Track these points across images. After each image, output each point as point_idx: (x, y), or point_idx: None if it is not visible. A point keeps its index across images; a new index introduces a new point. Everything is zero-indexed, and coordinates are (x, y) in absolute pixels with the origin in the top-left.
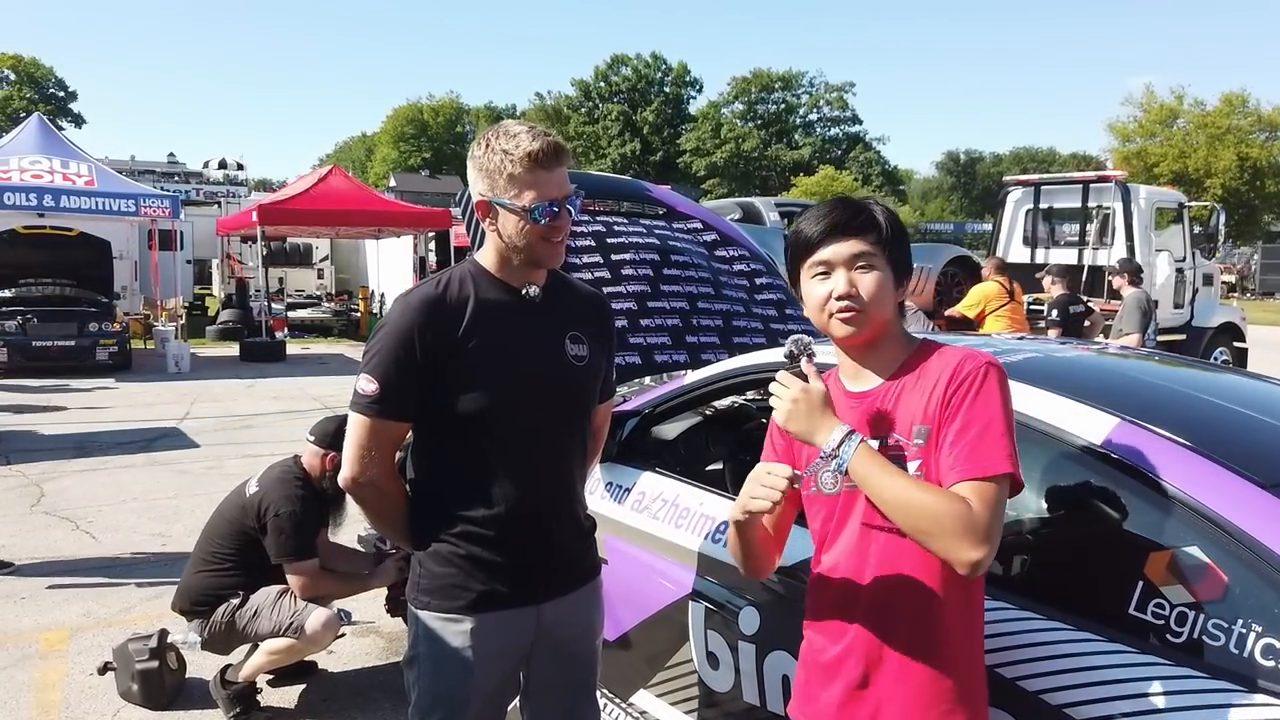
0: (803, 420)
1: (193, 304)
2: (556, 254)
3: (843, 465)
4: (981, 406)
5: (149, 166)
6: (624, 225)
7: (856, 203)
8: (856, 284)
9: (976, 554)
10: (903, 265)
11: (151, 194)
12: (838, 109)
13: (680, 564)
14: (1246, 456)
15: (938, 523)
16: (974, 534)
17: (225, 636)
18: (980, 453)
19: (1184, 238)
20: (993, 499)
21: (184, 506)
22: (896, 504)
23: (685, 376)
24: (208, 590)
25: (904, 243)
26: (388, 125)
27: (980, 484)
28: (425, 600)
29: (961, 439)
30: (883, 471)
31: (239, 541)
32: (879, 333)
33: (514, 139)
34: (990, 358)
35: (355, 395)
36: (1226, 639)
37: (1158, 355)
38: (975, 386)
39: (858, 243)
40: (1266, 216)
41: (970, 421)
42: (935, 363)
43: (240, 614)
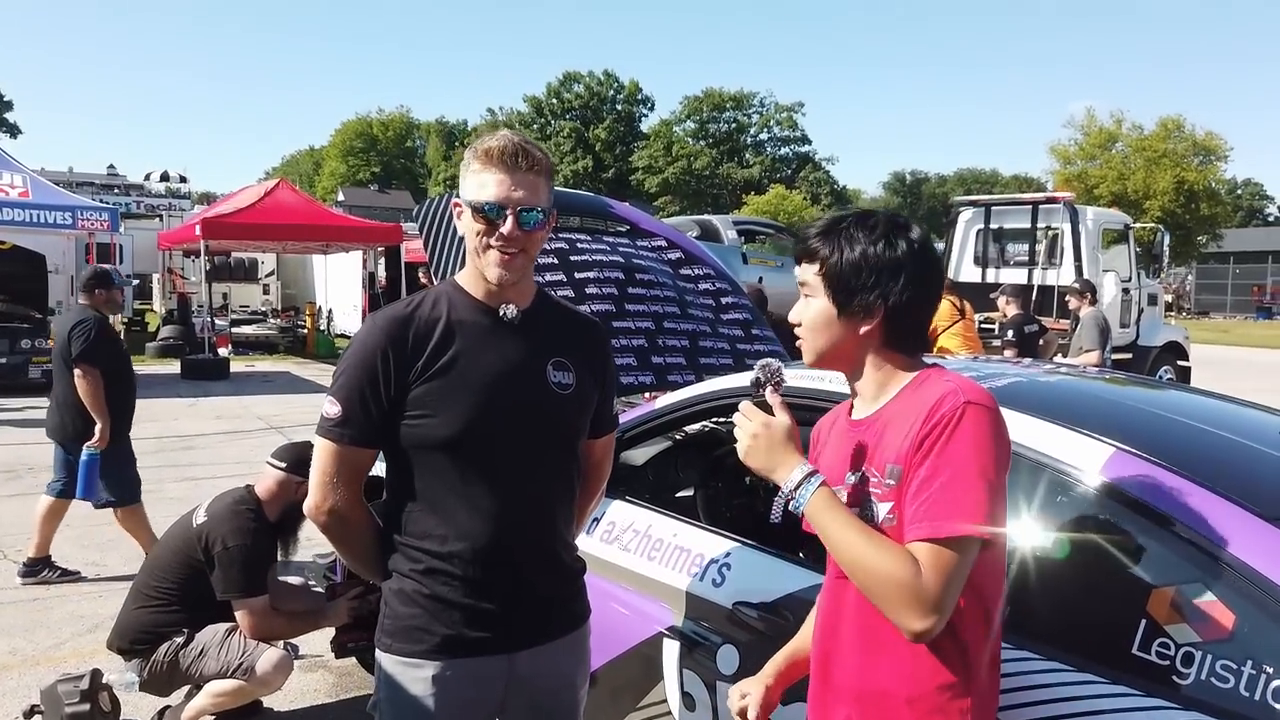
0: (762, 456)
1: (132, 320)
2: (509, 267)
3: (798, 508)
4: (952, 453)
5: (87, 178)
6: (587, 242)
7: (827, 226)
8: (799, 313)
9: (919, 624)
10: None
11: (89, 206)
12: (787, 129)
13: (654, 599)
14: (1247, 488)
15: (883, 588)
16: (919, 604)
17: (167, 677)
18: (940, 508)
19: (1129, 258)
20: (946, 565)
21: (121, 534)
22: (845, 560)
23: (654, 400)
24: (149, 627)
25: (854, 274)
26: (336, 139)
27: (934, 547)
28: (387, 642)
29: (924, 490)
30: (836, 522)
31: (184, 575)
32: (830, 363)
33: (488, 138)
34: (976, 394)
35: (320, 418)
36: (1236, 681)
37: (1138, 379)
38: (948, 429)
39: (805, 267)
40: (1201, 237)
41: (936, 470)
42: (921, 395)
43: (184, 653)
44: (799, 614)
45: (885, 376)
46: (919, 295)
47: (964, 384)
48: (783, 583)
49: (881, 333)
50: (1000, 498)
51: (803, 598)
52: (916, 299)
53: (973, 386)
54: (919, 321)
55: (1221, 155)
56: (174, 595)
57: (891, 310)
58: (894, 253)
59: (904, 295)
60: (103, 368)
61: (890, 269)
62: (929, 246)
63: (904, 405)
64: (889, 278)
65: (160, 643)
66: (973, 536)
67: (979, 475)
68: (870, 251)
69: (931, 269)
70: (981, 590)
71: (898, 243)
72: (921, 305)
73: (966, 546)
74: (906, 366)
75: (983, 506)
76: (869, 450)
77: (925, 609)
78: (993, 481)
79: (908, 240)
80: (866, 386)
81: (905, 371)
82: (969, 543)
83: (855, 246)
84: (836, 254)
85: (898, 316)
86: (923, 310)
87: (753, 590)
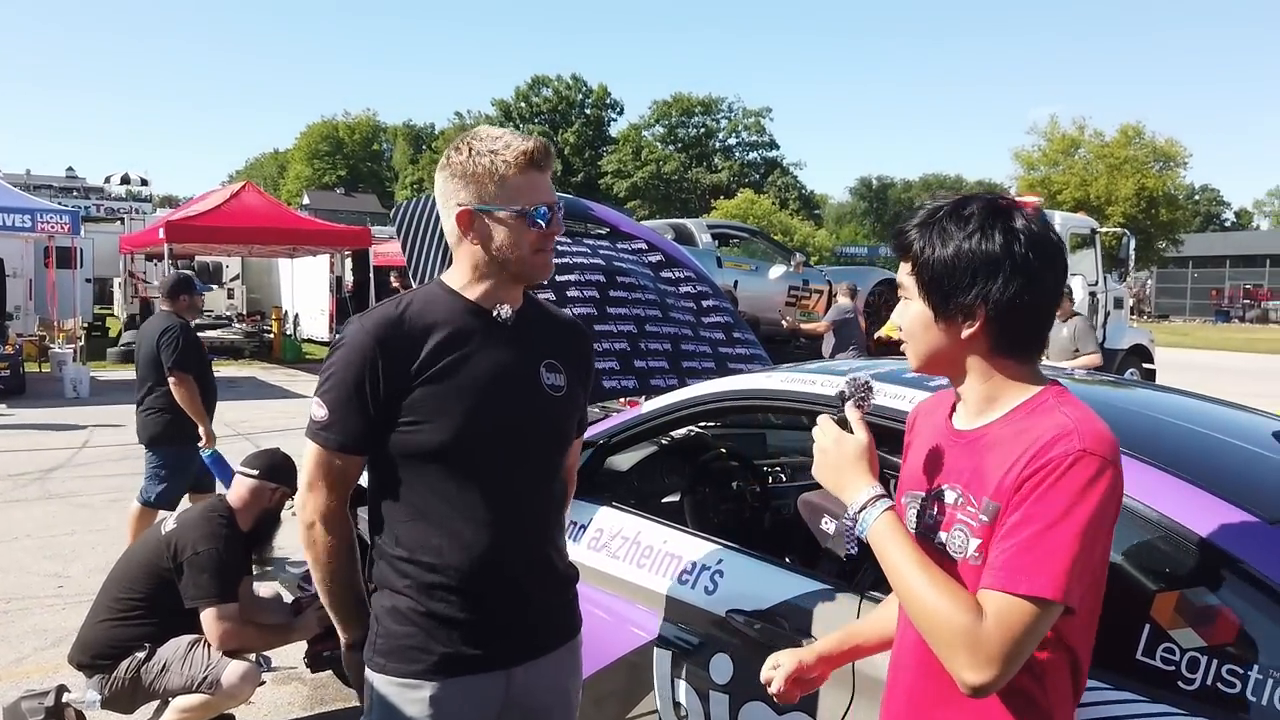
0: (829, 473)
1: (93, 325)
2: (548, 265)
3: (861, 532)
4: (1050, 504)
5: (46, 181)
6: (568, 244)
7: (921, 217)
8: (900, 313)
9: (975, 678)
10: (947, 298)
11: (49, 209)
12: (755, 133)
13: (644, 607)
14: (1248, 490)
15: (938, 630)
16: (975, 655)
17: (129, 694)
18: (1024, 562)
19: (1096, 262)
20: (1015, 622)
21: (83, 544)
22: (903, 594)
23: (637, 405)
24: (112, 642)
25: (947, 273)
26: (301, 142)
27: (1007, 599)
28: (381, 663)
29: (1012, 537)
30: (898, 552)
31: (151, 586)
32: (946, 372)
33: (500, 140)
34: (1094, 441)
35: (311, 422)
36: (1243, 686)
37: (1123, 380)
38: (1053, 476)
39: (902, 267)
40: (1161, 243)
41: (1029, 519)
42: (1033, 426)
43: (146, 669)
44: (794, 621)
45: (994, 389)
46: (1029, 294)
47: (1084, 423)
48: (777, 589)
49: (987, 337)
50: (1095, 562)
51: (797, 604)
52: (1026, 298)
53: (1093, 428)
54: (1034, 323)
55: (1181, 161)
56: (140, 608)
57: (995, 312)
58: (991, 246)
59: (1008, 295)
60: (194, 372)
61: (988, 266)
62: (1040, 235)
63: (1013, 430)
64: (986, 276)
65: (123, 658)
66: (1049, 601)
67: (1075, 536)
68: (965, 247)
69: (1043, 262)
70: (1074, 651)
71: (994, 234)
72: (1034, 305)
73: (1043, 609)
74: (1021, 378)
75: (1067, 571)
76: (967, 470)
77: (981, 661)
78: (1089, 545)
79: (1008, 230)
80: (972, 396)
81: (1019, 385)
82: (1046, 605)
83: (948, 242)
84: (928, 251)
85: (1005, 318)
86: (1037, 311)
87: (746, 597)
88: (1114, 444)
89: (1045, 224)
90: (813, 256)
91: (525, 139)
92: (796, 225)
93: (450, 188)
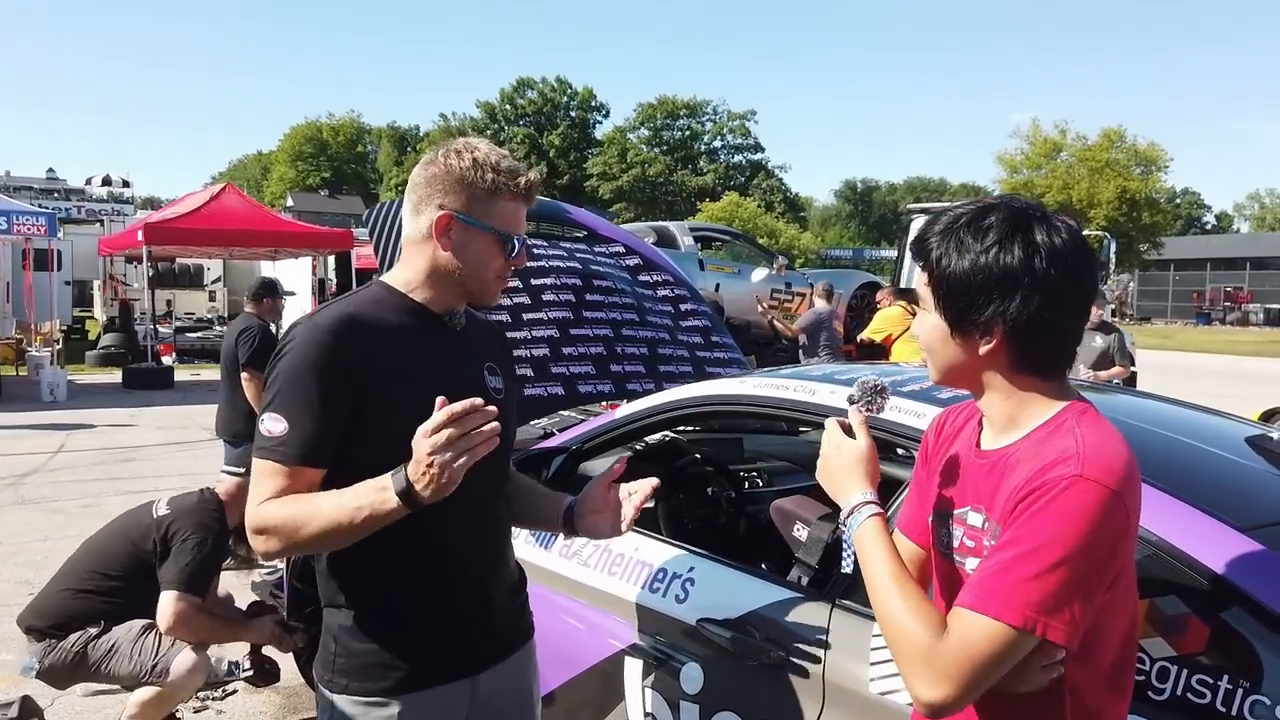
0: (828, 476)
1: (72, 327)
2: (498, 295)
3: (848, 539)
4: (1039, 527)
5: (25, 182)
6: (544, 248)
7: (943, 224)
8: (919, 325)
9: (926, 694)
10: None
11: (26, 210)
12: (740, 136)
13: (614, 615)
14: (1221, 498)
15: (898, 644)
16: (930, 670)
17: (70, 669)
18: (999, 583)
19: None
20: (974, 642)
21: (55, 550)
22: (875, 604)
23: (615, 409)
24: (69, 613)
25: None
26: (285, 143)
27: (973, 617)
28: (343, 683)
29: (994, 557)
30: (875, 559)
31: (127, 566)
32: (966, 387)
33: (505, 161)
34: (1097, 467)
35: (260, 438)
36: (1212, 696)
37: (1102, 386)
38: (1045, 499)
39: (920, 275)
40: (1143, 245)
41: (1014, 541)
42: (1046, 447)
43: (95, 645)
44: (765, 630)
45: (1016, 408)
46: (1050, 311)
47: (1092, 447)
48: (748, 598)
49: (1007, 354)
50: (1080, 595)
51: (769, 615)
52: (1047, 316)
53: (1101, 454)
54: (1057, 341)
55: (1162, 165)
56: (109, 585)
57: (1014, 330)
58: (1010, 261)
59: (1027, 313)
60: None
61: (1005, 283)
62: (1063, 247)
63: (1031, 451)
64: (1004, 294)
65: (75, 630)
66: (1015, 628)
67: (1057, 564)
68: (981, 262)
69: (1065, 278)
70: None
71: (1013, 249)
72: (1056, 322)
73: (1009, 636)
74: (1047, 394)
75: (1042, 600)
76: (988, 493)
77: (935, 677)
78: (1076, 576)
79: (1029, 244)
80: (995, 414)
81: (1043, 403)
82: (1012, 632)
83: (965, 255)
84: (944, 263)
85: (1025, 336)
86: (1060, 328)
87: (717, 606)
88: (1123, 473)
89: (1073, 235)
90: (798, 259)
91: (527, 168)
92: (781, 228)
93: (436, 188)
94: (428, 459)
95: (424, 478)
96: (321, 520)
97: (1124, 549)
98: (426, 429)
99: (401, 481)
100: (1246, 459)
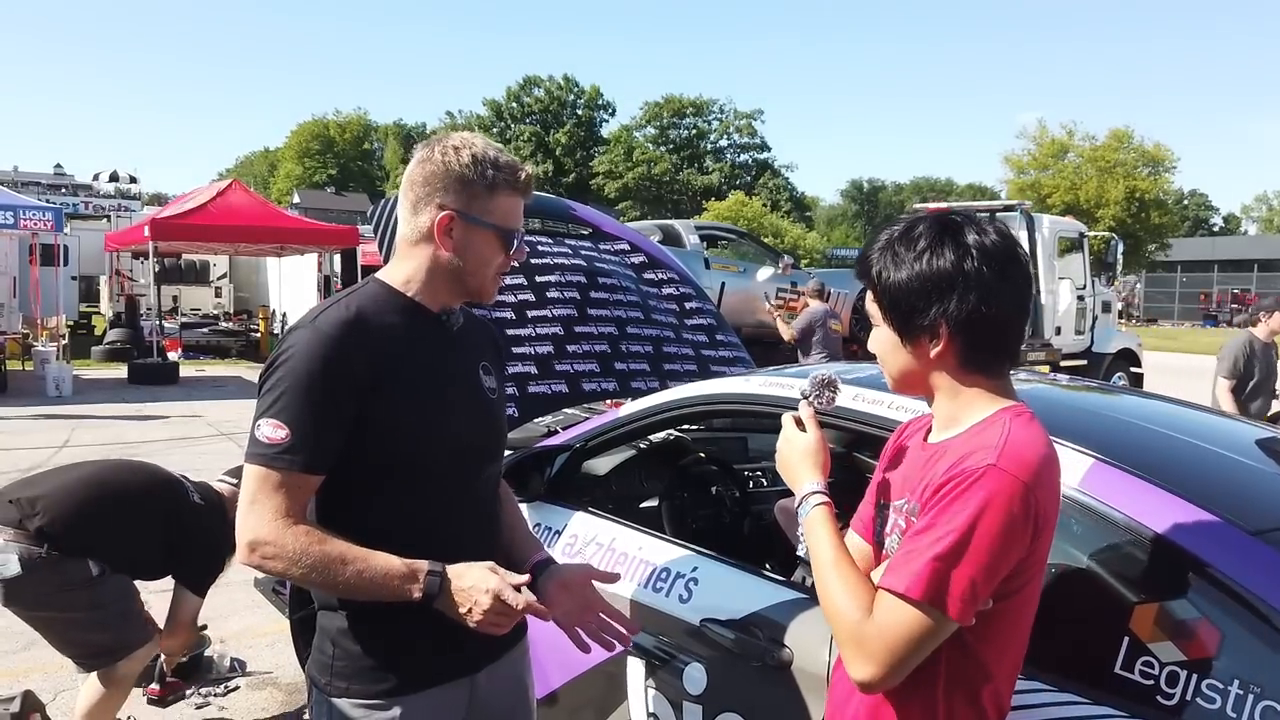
0: (783, 468)
1: (78, 323)
2: (495, 293)
3: (799, 526)
4: (949, 514)
5: (33, 178)
6: (549, 245)
7: (878, 243)
8: (873, 340)
9: (860, 673)
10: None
11: (32, 205)
12: (746, 135)
13: None
14: (1229, 500)
15: (834, 625)
16: (859, 649)
17: (37, 598)
18: (907, 562)
19: (1084, 266)
20: (892, 621)
21: None
22: (818, 589)
23: (618, 408)
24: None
25: (904, 296)
26: (292, 140)
27: (887, 597)
28: (343, 686)
29: (907, 544)
30: (820, 545)
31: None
32: (918, 392)
33: (502, 156)
34: (1012, 460)
35: (256, 444)
36: (1223, 701)
37: (1110, 386)
38: (958, 489)
39: (867, 294)
40: (1150, 247)
41: (929, 526)
42: (975, 439)
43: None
44: (769, 631)
45: (959, 407)
46: (986, 307)
47: (1013, 443)
48: (752, 599)
49: (954, 354)
50: (983, 578)
51: (772, 616)
52: (983, 311)
53: (1018, 449)
54: (998, 335)
55: (1169, 166)
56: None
57: (957, 329)
58: (942, 264)
59: (965, 310)
60: None
61: (940, 285)
62: (993, 246)
63: (961, 444)
64: (941, 295)
65: (78, 558)
66: (921, 604)
67: (960, 545)
68: (916, 269)
69: (995, 274)
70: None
71: (944, 252)
72: (994, 318)
73: (920, 613)
74: (991, 392)
75: (955, 585)
76: (918, 481)
77: (864, 656)
78: (978, 560)
79: (958, 246)
80: (940, 413)
81: (986, 401)
82: (921, 609)
83: (901, 265)
84: (885, 276)
85: (967, 334)
86: (998, 323)
87: (721, 607)
88: (1036, 468)
89: (1003, 235)
90: (803, 259)
91: (521, 164)
92: (787, 227)
93: (435, 186)
94: (483, 605)
95: (464, 609)
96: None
97: (1030, 542)
98: (503, 586)
99: (435, 590)
100: (1259, 462)
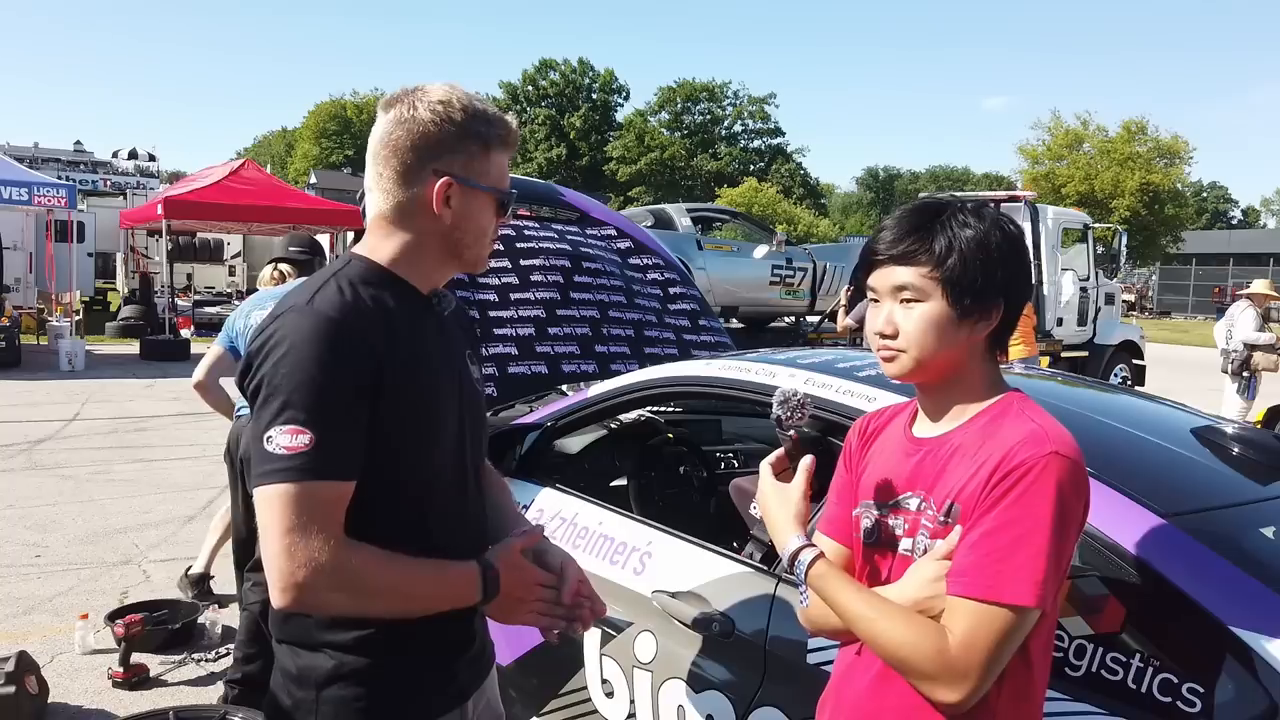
0: (765, 520)
1: (94, 299)
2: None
3: (800, 582)
4: (1025, 509)
5: (53, 154)
6: (535, 230)
7: (918, 220)
8: (895, 321)
9: (952, 696)
10: (977, 296)
11: (46, 182)
12: (760, 120)
13: None
14: (1146, 483)
15: (909, 662)
16: (950, 674)
17: None
18: (999, 571)
19: (1088, 258)
20: (995, 631)
21: (64, 514)
22: (864, 634)
23: (591, 388)
24: None
25: (980, 270)
26: (309, 121)
27: (982, 608)
28: None
29: (984, 545)
30: (842, 595)
31: None
32: (933, 377)
33: (487, 106)
34: (1061, 443)
35: (272, 459)
36: (1125, 673)
37: (1047, 373)
38: (1026, 482)
39: (906, 271)
40: (1164, 239)
41: (1003, 525)
42: (999, 430)
43: None
44: (714, 603)
45: (964, 392)
46: (1029, 291)
47: (1049, 426)
48: (701, 572)
49: (989, 337)
50: (1065, 565)
51: (718, 588)
52: (1027, 295)
53: (1058, 431)
54: (1015, 320)
55: (1185, 157)
56: None
57: (1009, 309)
58: (1008, 241)
59: (1023, 290)
60: None
61: (1012, 261)
62: (1018, 229)
63: (977, 435)
64: (1009, 272)
65: None
66: (1028, 608)
67: (1050, 540)
68: (991, 241)
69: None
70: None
71: (1009, 230)
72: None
73: (1021, 616)
74: (990, 382)
75: (1046, 576)
76: (930, 477)
77: (955, 678)
78: (1062, 548)
79: (1015, 226)
80: (943, 402)
81: (986, 390)
82: (1024, 613)
83: (973, 238)
84: (956, 250)
85: (1009, 316)
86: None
87: (671, 578)
88: (1076, 444)
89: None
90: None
91: (506, 115)
92: (800, 214)
93: (425, 150)
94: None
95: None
96: (418, 596)
97: None
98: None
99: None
100: (1185, 449)
